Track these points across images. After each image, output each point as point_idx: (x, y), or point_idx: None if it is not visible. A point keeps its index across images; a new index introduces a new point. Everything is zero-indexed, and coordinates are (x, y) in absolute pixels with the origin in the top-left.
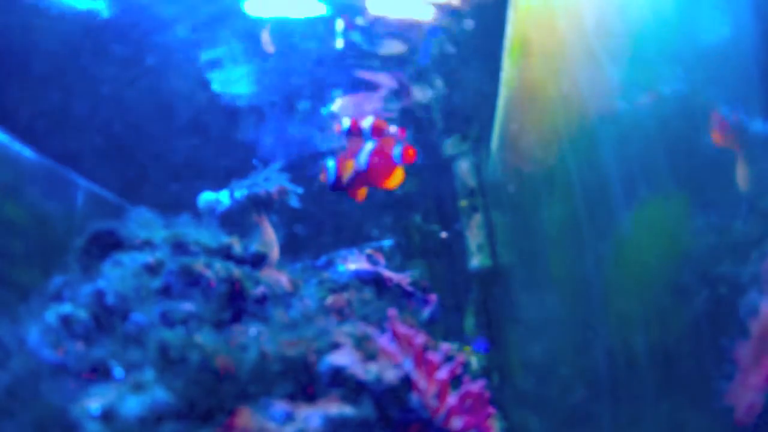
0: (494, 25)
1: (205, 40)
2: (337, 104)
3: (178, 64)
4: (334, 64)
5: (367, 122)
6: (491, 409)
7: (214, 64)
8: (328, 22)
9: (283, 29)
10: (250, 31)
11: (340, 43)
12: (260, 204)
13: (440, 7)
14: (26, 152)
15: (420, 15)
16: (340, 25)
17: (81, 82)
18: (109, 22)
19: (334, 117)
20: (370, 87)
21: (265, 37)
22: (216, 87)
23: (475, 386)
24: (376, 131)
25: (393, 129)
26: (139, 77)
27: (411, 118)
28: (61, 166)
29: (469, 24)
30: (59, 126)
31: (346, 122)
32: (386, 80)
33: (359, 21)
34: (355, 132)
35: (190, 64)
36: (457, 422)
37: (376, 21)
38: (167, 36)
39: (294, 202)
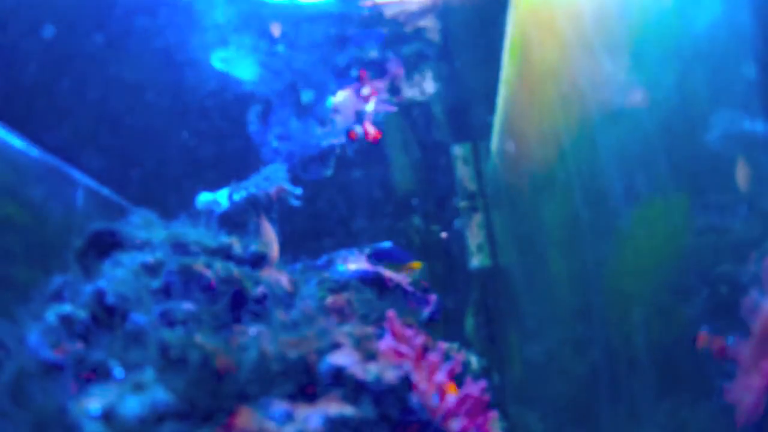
0: (494, 24)
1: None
2: (339, 97)
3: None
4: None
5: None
6: (492, 412)
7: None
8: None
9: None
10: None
11: None
12: (259, 205)
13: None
14: (27, 149)
15: None
16: None
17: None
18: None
19: (336, 111)
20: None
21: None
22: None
23: (476, 388)
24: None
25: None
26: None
27: (406, 115)
28: (61, 163)
29: (469, 22)
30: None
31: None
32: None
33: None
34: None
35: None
36: (456, 424)
37: None
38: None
39: (294, 203)
